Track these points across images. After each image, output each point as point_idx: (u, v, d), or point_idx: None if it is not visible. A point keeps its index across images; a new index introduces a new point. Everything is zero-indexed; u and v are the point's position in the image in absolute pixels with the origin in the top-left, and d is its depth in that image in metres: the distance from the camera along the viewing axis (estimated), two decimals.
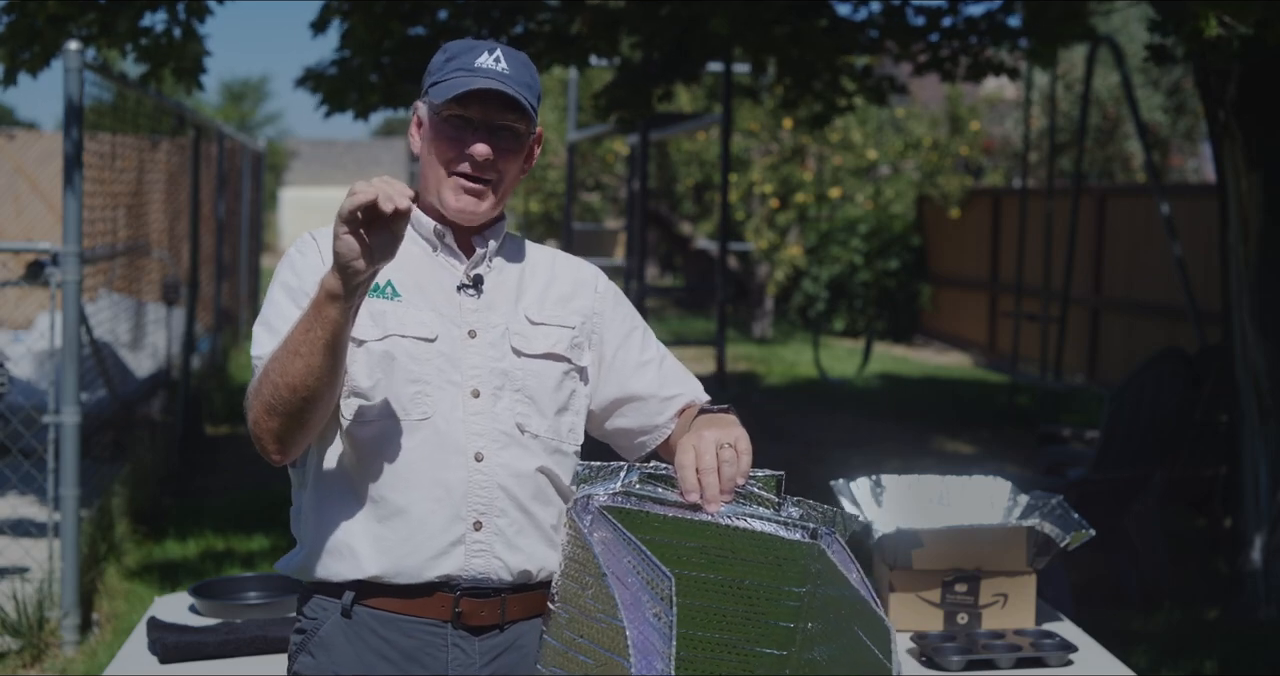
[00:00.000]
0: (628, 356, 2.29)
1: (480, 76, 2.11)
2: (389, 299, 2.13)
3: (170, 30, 5.52)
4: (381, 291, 2.13)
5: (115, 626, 5.12)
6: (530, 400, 2.15)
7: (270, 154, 26.89)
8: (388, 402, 2.09)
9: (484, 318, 2.16)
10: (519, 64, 2.16)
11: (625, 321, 2.31)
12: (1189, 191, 11.84)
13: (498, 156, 2.13)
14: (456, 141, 2.12)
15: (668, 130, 12.92)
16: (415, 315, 2.13)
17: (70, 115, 5.09)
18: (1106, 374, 11.61)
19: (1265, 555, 5.51)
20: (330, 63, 7.16)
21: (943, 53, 7.56)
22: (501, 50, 2.15)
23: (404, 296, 2.14)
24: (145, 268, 8.56)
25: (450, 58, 2.16)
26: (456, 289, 2.17)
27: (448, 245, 2.19)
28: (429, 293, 2.16)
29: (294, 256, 2.18)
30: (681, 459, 2.01)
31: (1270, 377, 5.58)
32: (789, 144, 16.24)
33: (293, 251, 2.19)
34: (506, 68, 2.13)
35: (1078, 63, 14.88)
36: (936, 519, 3.10)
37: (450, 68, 2.14)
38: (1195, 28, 4.52)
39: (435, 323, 2.13)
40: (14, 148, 12.42)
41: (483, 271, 2.20)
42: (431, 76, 2.17)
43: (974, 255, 15.09)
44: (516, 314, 2.19)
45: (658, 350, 2.33)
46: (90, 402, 5.92)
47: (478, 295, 2.17)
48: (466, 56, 2.14)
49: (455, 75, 2.12)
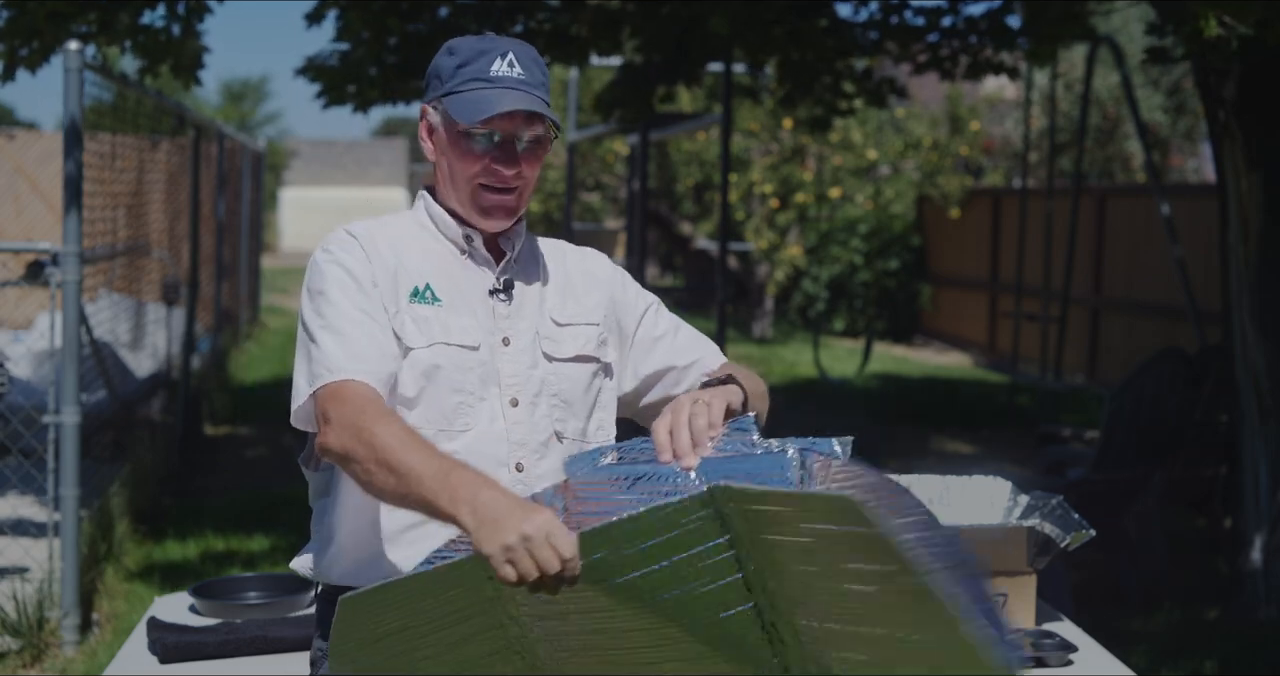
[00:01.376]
0: (646, 335, 2.27)
1: (500, 88, 2.05)
2: (430, 303, 2.08)
3: (169, 26, 5.53)
4: (422, 296, 2.08)
5: (115, 626, 5.12)
6: (566, 404, 2.14)
7: (270, 154, 26.89)
8: (430, 412, 2.05)
9: (514, 324, 2.13)
10: (532, 64, 2.10)
11: (639, 301, 2.29)
12: (1189, 191, 11.84)
13: (523, 166, 2.10)
14: (481, 156, 2.08)
15: (668, 130, 12.92)
16: (458, 322, 2.08)
17: (70, 115, 5.09)
18: (1106, 374, 11.61)
19: (1265, 555, 5.51)
20: (331, 54, 7.16)
21: (942, 52, 7.56)
22: (514, 52, 2.09)
23: (444, 301, 2.09)
24: (145, 268, 8.56)
25: (462, 64, 2.08)
26: (489, 294, 2.13)
27: (475, 249, 2.15)
28: (463, 298, 2.11)
29: (338, 254, 2.09)
30: (656, 422, 1.97)
31: (1270, 377, 5.57)
32: (789, 144, 16.23)
33: (334, 249, 2.09)
34: (523, 73, 2.08)
35: (1078, 63, 14.88)
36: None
37: (464, 76, 2.07)
38: (1195, 28, 4.52)
39: (476, 330, 2.09)
40: (14, 148, 12.41)
41: (511, 275, 2.16)
42: (443, 84, 2.10)
43: (974, 255, 15.09)
44: (543, 317, 2.16)
45: (671, 322, 2.32)
46: (90, 403, 5.92)
47: (509, 301, 2.14)
48: (479, 62, 2.08)
49: (472, 88, 2.06)
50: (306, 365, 2.02)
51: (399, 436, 1.87)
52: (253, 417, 9.55)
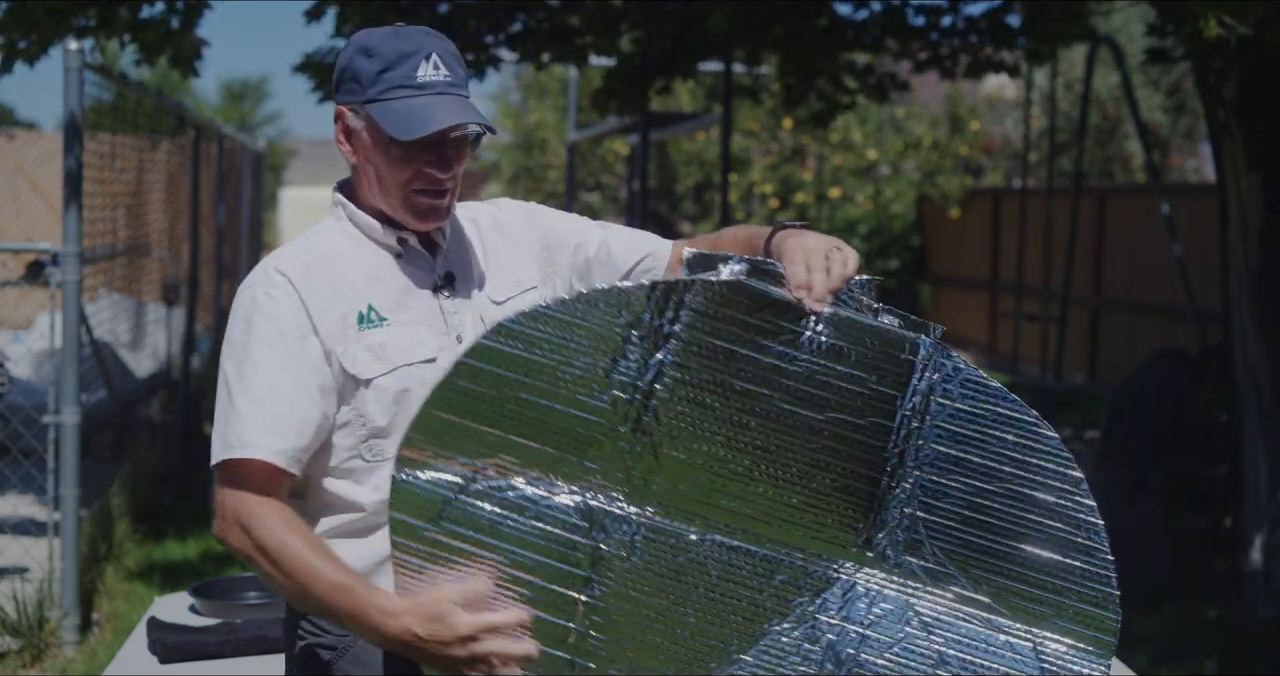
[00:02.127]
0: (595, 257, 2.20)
1: (429, 95, 1.97)
2: (378, 326, 1.99)
3: (168, 19, 5.53)
4: (368, 320, 1.99)
5: (115, 626, 5.12)
6: None
7: (270, 154, 26.88)
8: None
9: (461, 317, 2.06)
10: (454, 60, 2.02)
11: (559, 228, 2.22)
12: (1189, 191, 11.84)
13: (455, 167, 2.03)
14: (411, 161, 1.99)
15: (668, 130, 12.93)
16: (410, 336, 2.01)
17: (70, 115, 5.09)
18: (1106, 374, 11.61)
19: (1265, 555, 5.51)
20: (329, 51, 7.16)
21: (943, 51, 7.57)
22: (436, 51, 2.00)
23: (390, 319, 2.01)
24: (145, 268, 8.56)
25: (384, 68, 1.98)
26: (433, 292, 2.06)
27: (411, 248, 2.06)
28: (409, 305, 2.03)
29: (267, 307, 1.96)
30: (791, 255, 1.94)
31: (1270, 377, 5.57)
32: (789, 144, 16.24)
33: (262, 299, 1.96)
34: (448, 74, 1.99)
35: (1078, 63, 14.88)
36: None
37: (388, 83, 1.98)
38: (1195, 28, 4.52)
39: (429, 340, 2.02)
40: (14, 148, 12.41)
41: (449, 266, 2.08)
42: (364, 89, 1.99)
43: (974, 255, 15.09)
44: (482, 300, 2.09)
45: (605, 231, 2.24)
46: (90, 403, 5.92)
47: (453, 294, 2.07)
48: (403, 67, 1.98)
49: (400, 96, 1.97)
50: (223, 426, 1.98)
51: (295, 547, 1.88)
52: None
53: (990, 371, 12.88)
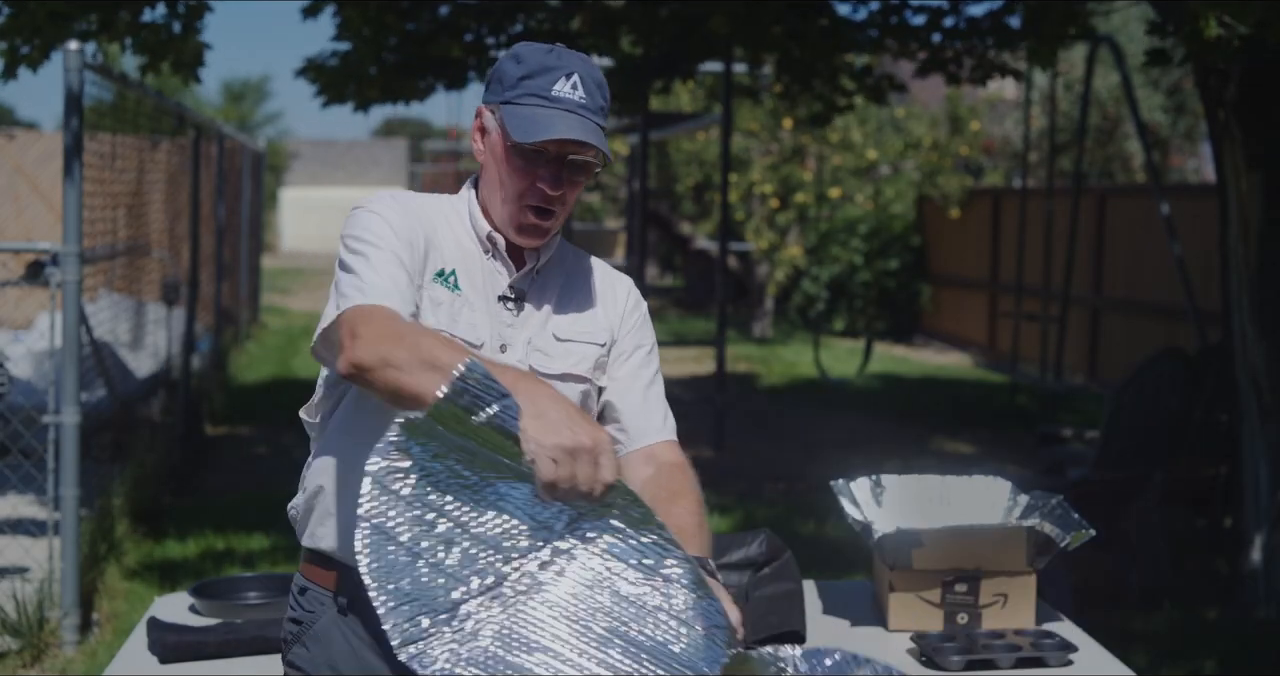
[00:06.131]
0: (622, 369, 2.24)
1: (558, 109, 2.05)
2: (450, 289, 2.10)
3: (169, 24, 5.53)
4: (445, 279, 2.10)
5: (115, 626, 5.12)
6: None
7: (270, 154, 26.88)
8: None
9: (515, 333, 2.14)
10: (595, 87, 2.10)
11: (638, 334, 2.27)
12: (1189, 191, 11.85)
13: (566, 189, 2.10)
14: (528, 173, 2.08)
15: (668, 130, 12.94)
16: (468, 315, 2.10)
17: (70, 115, 5.09)
18: (1106, 374, 11.61)
19: (1265, 555, 5.51)
20: (331, 54, 7.17)
21: (947, 54, 7.56)
22: (580, 73, 2.08)
23: (463, 291, 2.11)
24: (145, 268, 8.56)
25: (526, 75, 2.08)
26: (498, 298, 2.14)
27: (498, 252, 2.15)
28: (482, 295, 2.13)
29: (380, 209, 2.08)
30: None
31: (1270, 377, 5.58)
32: (789, 144, 16.24)
33: (376, 207, 2.09)
34: (584, 96, 2.08)
35: (1078, 63, 14.88)
36: (936, 519, 3.10)
37: (525, 89, 2.07)
38: (1195, 28, 4.52)
39: (483, 327, 2.10)
40: (14, 148, 12.41)
41: (525, 286, 2.16)
42: (504, 90, 2.10)
43: (974, 255, 15.09)
44: (544, 331, 2.16)
45: (653, 376, 2.27)
46: (90, 403, 5.92)
47: (516, 311, 2.14)
48: (543, 78, 2.07)
49: (531, 103, 2.06)
50: (336, 295, 2.02)
51: (443, 340, 1.89)
52: (253, 418, 9.55)
53: (990, 371, 12.90)
